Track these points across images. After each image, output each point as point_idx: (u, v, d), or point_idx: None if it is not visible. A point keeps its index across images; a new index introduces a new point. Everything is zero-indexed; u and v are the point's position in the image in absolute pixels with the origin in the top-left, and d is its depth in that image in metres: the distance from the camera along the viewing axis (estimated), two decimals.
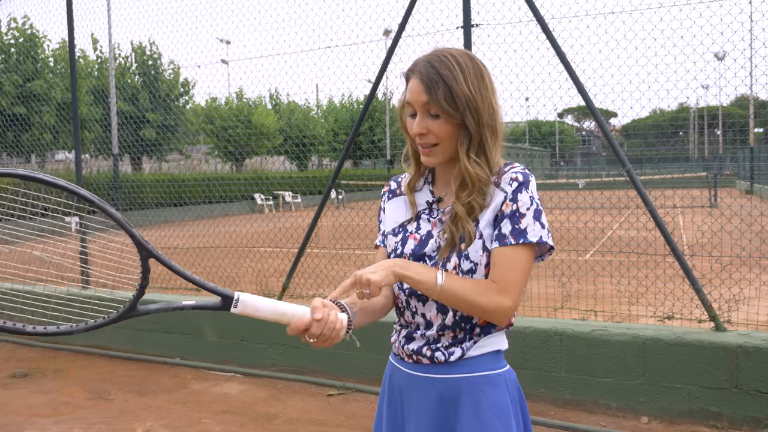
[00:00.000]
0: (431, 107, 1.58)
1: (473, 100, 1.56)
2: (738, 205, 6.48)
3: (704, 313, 4.30)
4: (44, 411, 4.68)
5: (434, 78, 1.56)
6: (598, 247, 11.13)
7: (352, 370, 5.03)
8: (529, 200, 1.57)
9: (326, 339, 1.50)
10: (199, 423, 4.40)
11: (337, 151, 24.00)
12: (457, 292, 1.53)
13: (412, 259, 1.66)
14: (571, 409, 4.31)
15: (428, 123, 1.59)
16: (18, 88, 20.68)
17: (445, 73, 1.56)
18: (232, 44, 14.33)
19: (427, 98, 1.57)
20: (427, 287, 1.53)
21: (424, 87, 1.57)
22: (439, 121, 1.58)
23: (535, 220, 1.56)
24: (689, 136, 43.46)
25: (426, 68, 1.58)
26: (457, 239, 1.60)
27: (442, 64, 1.57)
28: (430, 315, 1.65)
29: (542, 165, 50.65)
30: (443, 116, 1.57)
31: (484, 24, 4.86)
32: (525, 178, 1.58)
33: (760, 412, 3.86)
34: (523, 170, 1.60)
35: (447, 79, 1.55)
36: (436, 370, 1.64)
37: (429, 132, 1.60)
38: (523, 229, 1.55)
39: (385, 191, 1.85)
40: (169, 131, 23.49)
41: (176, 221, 10.28)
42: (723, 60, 4.90)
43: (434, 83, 1.56)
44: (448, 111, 1.56)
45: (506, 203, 1.57)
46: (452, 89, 1.55)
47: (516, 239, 1.55)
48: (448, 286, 1.53)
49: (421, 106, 1.59)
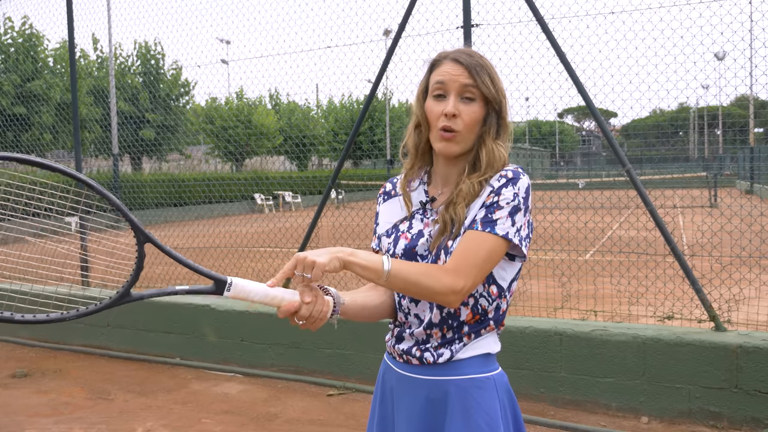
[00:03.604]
0: (469, 90, 1.60)
1: (503, 93, 1.64)
2: (738, 205, 6.48)
3: (704, 313, 4.30)
4: (44, 411, 4.68)
5: (478, 64, 1.61)
6: (598, 247, 11.13)
7: (352, 370, 5.03)
8: (511, 196, 1.56)
9: (314, 321, 1.49)
10: (199, 423, 4.40)
11: (337, 151, 24.00)
12: (407, 276, 1.49)
13: (403, 258, 1.65)
14: (571, 409, 4.31)
15: (460, 106, 1.61)
16: (17, 88, 20.68)
17: (486, 63, 1.63)
18: (232, 44, 14.36)
19: (471, 81, 1.60)
20: (374, 274, 1.48)
21: (466, 70, 1.60)
22: (472, 105, 1.61)
23: (509, 216, 1.55)
24: (689, 136, 43.48)
25: (465, 55, 1.63)
26: (449, 227, 1.59)
27: (479, 56, 1.64)
28: (423, 314, 1.65)
29: (542, 165, 50.66)
30: (479, 101, 1.61)
31: (484, 24, 4.87)
32: (515, 175, 1.59)
33: (760, 412, 3.86)
34: (515, 168, 1.61)
35: (488, 68, 1.62)
36: (425, 371, 1.64)
37: (459, 115, 1.60)
38: (494, 220, 1.54)
39: (381, 193, 1.85)
40: (169, 131, 23.49)
41: (176, 221, 10.28)
42: (723, 60, 4.91)
43: (479, 68, 1.60)
44: (492, 95, 1.61)
45: (488, 195, 1.58)
46: (492, 78, 1.62)
47: (483, 227, 1.53)
48: (396, 271, 1.48)
49: (458, 88, 1.61)
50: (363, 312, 1.70)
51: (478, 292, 1.61)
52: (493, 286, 1.62)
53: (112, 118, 9.76)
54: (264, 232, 12.98)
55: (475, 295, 1.61)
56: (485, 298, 1.62)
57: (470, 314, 1.62)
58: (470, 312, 1.61)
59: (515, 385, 1.75)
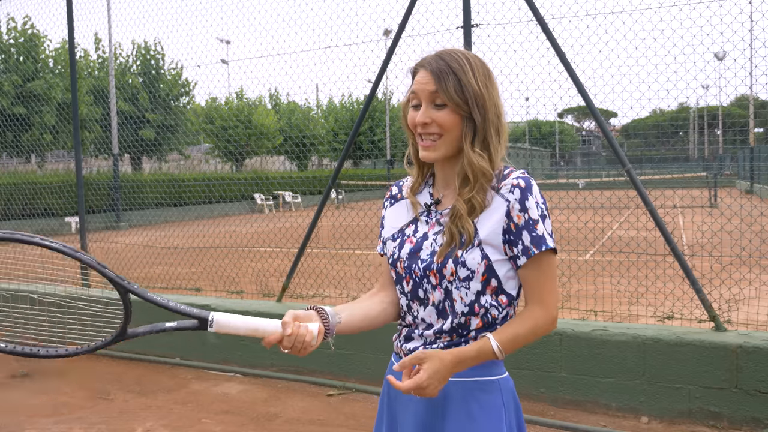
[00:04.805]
0: (438, 97, 1.57)
1: (481, 96, 1.57)
2: (738, 205, 6.49)
3: (704, 313, 4.30)
4: (44, 411, 4.68)
5: (444, 69, 1.57)
6: (598, 247, 11.13)
7: (352, 370, 5.03)
8: (535, 205, 1.57)
9: (298, 350, 1.55)
10: (199, 423, 4.40)
11: (337, 151, 24.01)
12: (516, 342, 1.58)
13: (406, 262, 1.66)
14: (571, 409, 4.31)
15: (433, 113, 1.59)
16: (18, 88, 20.68)
17: (455, 66, 1.57)
18: (232, 44, 14.37)
19: (435, 87, 1.57)
20: (489, 359, 1.57)
21: (432, 77, 1.58)
22: (444, 111, 1.58)
23: (544, 226, 1.58)
24: (689, 136, 43.50)
25: (436, 60, 1.60)
26: (457, 239, 1.58)
27: (452, 59, 1.59)
28: (430, 319, 1.65)
29: (542, 165, 50.68)
30: (450, 106, 1.57)
31: (484, 24, 4.86)
32: (527, 182, 1.57)
33: (760, 412, 3.86)
34: (523, 174, 1.59)
35: (457, 71, 1.57)
36: None
37: (432, 122, 1.59)
38: (541, 236, 1.56)
39: (387, 197, 1.85)
40: (169, 131, 23.49)
41: (176, 221, 10.28)
42: (723, 60, 4.91)
43: (444, 74, 1.57)
44: (456, 101, 1.56)
45: (517, 215, 1.56)
46: (461, 81, 1.56)
47: (538, 247, 1.56)
48: (506, 347, 1.56)
49: (427, 96, 1.59)
50: (364, 323, 1.72)
51: (489, 302, 1.61)
52: (502, 296, 1.62)
53: (112, 117, 9.77)
54: (264, 232, 12.98)
55: (485, 305, 1.60)
56: (495, 308, 1.61)
57: (480, 323, 1.61)
58: (480, 321, 1.61)
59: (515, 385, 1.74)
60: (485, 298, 1.59)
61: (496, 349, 1.54)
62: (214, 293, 7.10)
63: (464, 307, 1.59)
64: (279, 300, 5.68)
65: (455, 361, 1.51)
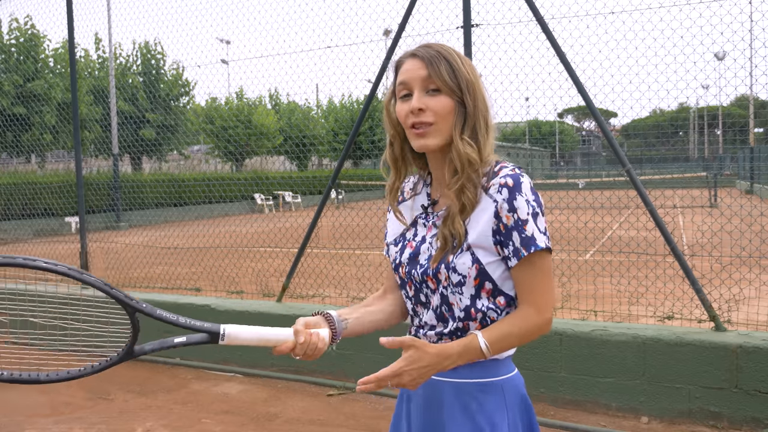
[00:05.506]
0: (431, 82, 1.54)
1: (472, 83, 1.56)
2: (738, 205, 6.49)
3: (704, 313, 4.30)
4: (44, 411, 4.68)
5: (434, 55, 1.56)
6: (598, 247, 11.13)
7: (352, 370, 5.03)
8: (525, 204, 1.51)
9: (310, 356, 1.56)
10: (199, 423, 4.40)
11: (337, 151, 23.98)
12: (506, 342, 1.54)
13: (407, 267, 1.65)
14: (571, 409, 4.32)
15: (427, 100, 1.55)
16: (18, 88, 20.68)
17: (445, 53, 1.56)
18: (232, 44, 14.36)
19: (428, 72, 1.54)
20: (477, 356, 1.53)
21: (424, 62, 1.55)
22: (438, 96, 1.55)
23: (535, 225, 1.52)
24: (689, 136, 43.50)
25: (425, 48, 1.58)
26: (450, 243, 1.55)
27: (440, 47, 1.58)
28: (432, 323, 1.65)
29: (542, 165, 50.63)
30: (444, 91, 1.55)
31: (484, 24, 4.87)
32: (515, 180, 1.52)
33: (760, 412, 3.87)
34: (512, 172, 1.53)
35: (447, 57, 1.56)
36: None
37: (427, 108, 1.55)
38: (530, 237, 1.51)
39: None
40: (169, 131, 23.49)
41: (176, 221, 10.29)
42: (723, 60, 4.91)
43: (435, 59, 1.55)
44: (450, 85, 1.54)
45: (506, 215, 1.51)
46: (453, 66, 1.55)
47: (527, 249, 1.51)
48: (494, 346, 1.52)
49: (420, 82, 1.55)
50: (371, 326, 1.72)
51: (485, 306, 1.57)
52: (500, 297, 1.58)
53: (112, 117, 9.77)
54: (264, 232, 12.98)
55: (482, 309, 1.57)
56: (493, 311, 1.59)
57: (479, 327, 1.59)
58: (479, 325, 1.59)
59: None
60: (481, 302, 1.57)
61: (484, 346, 1.50)
62: (214, 293, 7.10)
63: (461, 312, 1.58)
64: (279, 300, 5.68)
65: (440, 355, 1.47)
